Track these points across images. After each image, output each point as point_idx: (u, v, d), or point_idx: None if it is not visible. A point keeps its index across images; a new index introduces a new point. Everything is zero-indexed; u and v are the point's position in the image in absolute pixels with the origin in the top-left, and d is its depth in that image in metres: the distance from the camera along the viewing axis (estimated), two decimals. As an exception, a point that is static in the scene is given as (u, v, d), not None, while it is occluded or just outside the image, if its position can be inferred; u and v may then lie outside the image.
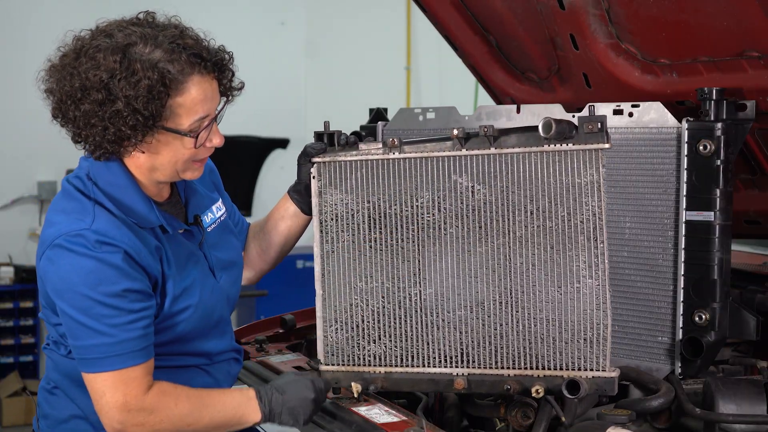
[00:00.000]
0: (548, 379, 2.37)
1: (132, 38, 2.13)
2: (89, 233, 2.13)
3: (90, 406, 2.25)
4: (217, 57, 2.21)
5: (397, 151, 2.47)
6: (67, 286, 2.13)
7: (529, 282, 2.38)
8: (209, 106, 2.20)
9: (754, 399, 2.49)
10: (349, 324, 2.52)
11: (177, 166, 2.24)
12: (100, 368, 2.15)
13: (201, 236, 2.39)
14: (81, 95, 2.12)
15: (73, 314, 2.14)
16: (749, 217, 3.17)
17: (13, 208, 7.68)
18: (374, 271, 2.50)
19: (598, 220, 2.33)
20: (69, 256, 2.13)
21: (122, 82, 2.09)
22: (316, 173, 2.54)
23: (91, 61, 2.11)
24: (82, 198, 2.21)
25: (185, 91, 2.15)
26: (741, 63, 2.68)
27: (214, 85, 2.21)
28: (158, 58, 2.11)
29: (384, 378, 2.50)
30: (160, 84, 2.10)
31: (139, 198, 2.24)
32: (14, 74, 7.53)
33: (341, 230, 2.52)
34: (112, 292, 2.12)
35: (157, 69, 2.10)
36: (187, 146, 2.20)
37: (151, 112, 2.10)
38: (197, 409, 2.22)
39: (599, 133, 2.31)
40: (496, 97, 3.54)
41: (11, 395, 7.07)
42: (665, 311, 2.71)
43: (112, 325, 2.13)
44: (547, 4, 3.02)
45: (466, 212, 2.43)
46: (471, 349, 2.44)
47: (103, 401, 2.16)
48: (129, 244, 2.16)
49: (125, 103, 2.09)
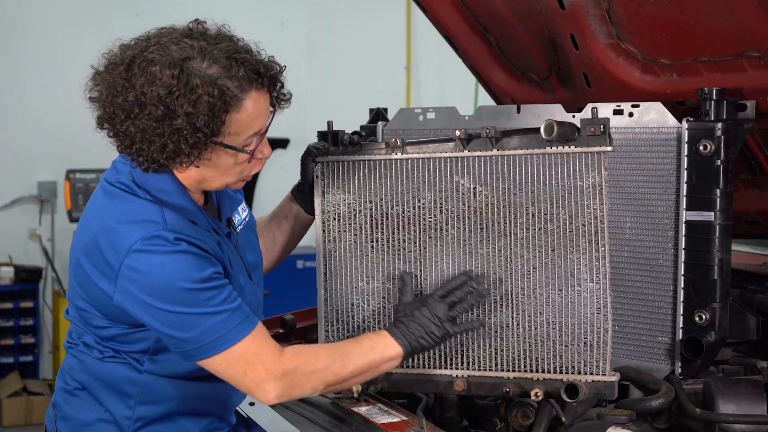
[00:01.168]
0: (548, 382, 2.37)
1: (188, 52, 2.09)
2: (165, 233, 2.12)
3: (120, 410, 2.26)
4: (273, 72, 2.19)
5: (399, 151, 2.48)
6: (162, 285, 2.11)
7: (530, 284, 2.38)
8: (263, 120, 2.19)
9: (754, 399, 2.49)
10: (351, 324, 2.52)
11: (228, 179, 2.23)
12: (229, 342, 2.13)
13: (236, 239, 2.38)
14: (138, 110, 2.08)
15: (176, 309, 2.11)
16: (749, 217, 3.17)
17: (14, 208, 7.68)
18: (376, 272, 2.50)
19: (599, 223, 2.33)
20: (154, 258, 2.10)
21: (181, 99, 2.06)
22: (319, 173, 2.54)
23: (145, 75, 2.07)
24: (143, 201, 2.17)
25: (243, 108, 2.12)
26: (741, 63, 2.68)
27: (267, 100, 2.19)
28: (217, 74, 2.08)
29: (384, 378, 2.50)
30: (220, 101, 2.07)
31: (190, 203, 2.23)
32: (14, 74, 7.54)
33: (343, 230, 2.52)
34: (204, 277, 2.12)
35: (217, 86, 2.07)
36: (240, 161, 2.19)
37: (211, 129, 2.08)
38: (338, 358, 2.24)
39: (602, 135, 2.31)
40: (496, 97, 3.54)
41: (11, 395, 7.06)
42: (665, 311, 2.71)
43: (218, 303, 2.13)
44: (548, 4, 3.01)
45: (467, 213, 2.43)
46: (471, 350, 2.44)
47: (248, 380, 2.16)
48: (200, 239, 2.17)
49: (186, 121, 2.06)
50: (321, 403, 2.58)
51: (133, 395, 2.28)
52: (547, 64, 3.26)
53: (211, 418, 2.38)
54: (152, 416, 2.30)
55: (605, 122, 2.31)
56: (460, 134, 2.41)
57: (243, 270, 2.36)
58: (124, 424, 2.28)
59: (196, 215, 2.23)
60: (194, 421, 2.35)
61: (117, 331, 2.24)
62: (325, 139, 2.56)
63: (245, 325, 2.15)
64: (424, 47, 8.11)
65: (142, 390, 2.28)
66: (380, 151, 2.49)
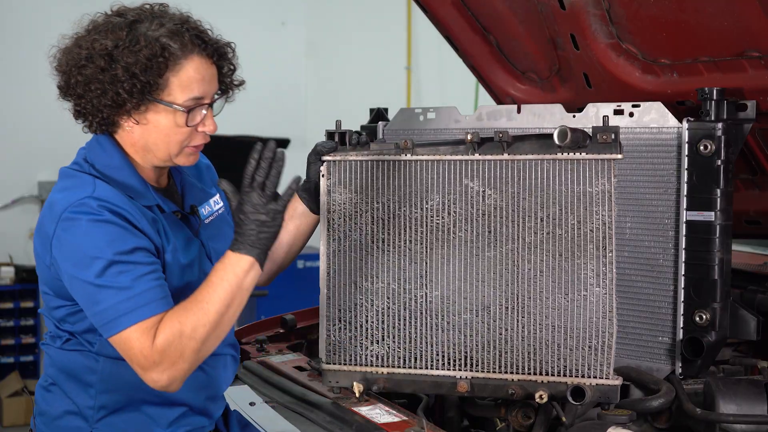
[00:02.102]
0: (552, 385, 2.37)
1: (141, 16, 2.24)
2: (91, 200, 2.17)
3: (84, 400, 2.28)
4: (219, 44, 2.28)
5: (409, 152, 2.47)
6: (81, 253, 2.15)
7: (536, 288, 2.39)
8: (206, 88, 2.25)
9: (754, 399, 2.49)
10: (353, 324, 2.52)
11: (171, 148, 2.27)
12: (126, 323, 2.14)
13: (198, 224, 2.41)
14: (85, 62, 2.21)
15: (90, 279, 2.15)
16: (750, 217, 3.18)
17: (14, 208, 7.68)
18: (380, 272, 2.50)
19: (607, 229, 2.33)
20: (77, 226, 2.16)
21: (125, 51, 2.19)
22: (325, 171, 2.54)
23: (99, 33, 2.23)
24: (81, 174, 2.26)
25: (183, 68, 2.22)
26: (741, 63, 2.69)
27: (212, 71, 2.27)
28: (161, 34, 2.21)
29: (386, 379, 2.50)
30: (159, 56, 2.18)
31: (135, 178, 2.28)
32: (14, 74, 7.54)
33: (349, 229, 2.52)
34: (123, 249, 2.15)
35: (159, 43, 2.20)
36: (179, 123, 2.24)
37: (148, 80, 2.18)
38: (198, 308, 2.18)
39: (613, 143, 2.32)
40: (497, 97, 3.54)
41: (11, 395, 7.07)
42: (666, 311, 2.71)
43: (130, 279, 2.15)
44: (548, 4, 3.02)
45: (475, 216, 2.43)
46: (475, 352, 2.44)
47: (138, 369, 2.16)
48: (129, 211, 2.21)
49: (124, 69, 2.18)
50: (321, 403, 2.58)
51: (94, 384, 2.30)
52: (548, 64, 3.27)
53: (183, 408, 2.37)
54: (115, 405, 2.31)
55: (616, 130, 2.32)
56: (472, 137, 2.40)
57: (202, 254, 2.38)
58: (88, 414, 2.30)
59: (138, 190, 2.27)
60: (162, 410, 2.34)
61: (66, 310, 2.27)
62: (333, 138, 2.56)
63: (141, 312, 2.14)
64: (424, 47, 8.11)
65: (101, 378, 2.30)
66: (389, 152, 2.49)
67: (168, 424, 2.34)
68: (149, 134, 2.26)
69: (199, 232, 2.41)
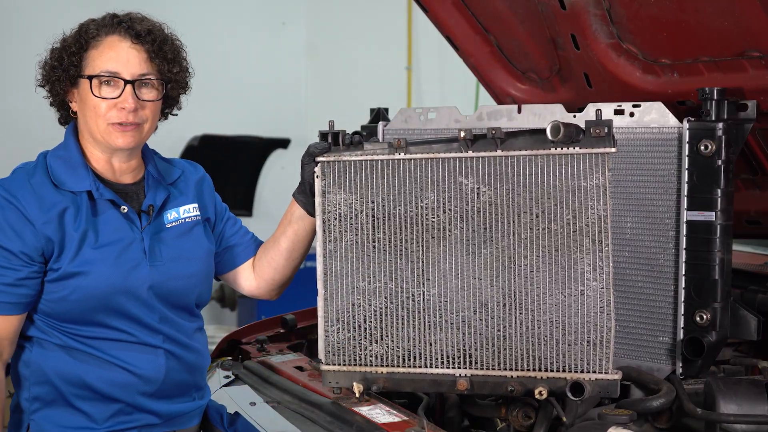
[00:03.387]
0: (551, 380, 2.37)
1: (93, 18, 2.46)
2: None
3: (22, 393, 2.43)
4: (144, 28, 2.41)
5: (402, 151, 2.47)
6: None
7: (534, 284, 2.39)
8: (122, 67, 2.38)
9: (755, 399, 2.49)
10: (351, 324, 2.52)
11: (96, 123, 2.38)
12: None
13: (146, 222, 2.44)
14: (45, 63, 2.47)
15: None
16: (750, 217, 3.18)
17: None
18: (377, 271, 2.50)
19: (603, 223, 2.33)
20: None
21: (62, 42, 2.44)
22: (319, 172, 2.53)
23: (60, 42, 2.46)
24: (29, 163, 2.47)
25: (98, 45, 2.40)
26: (742, 63, 2.69)
27: (134, 52, 2.40)
28: (89, 21, 2.44)
29: (386, 378, 2.50)
30: (82, 39, 2.40)
31: (73, 165, 2.41)
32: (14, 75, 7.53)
33: (344, 230, 2.52)
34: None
35: (81, 26, 2.43)
36: (94, 92, 2.36)
37: (72, 62, 2.39)
38: None
39: (606, 137, 2.32)
40: (497, 97, 3.54)
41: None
42: (666, 311, 2.71)
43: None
44: (548, 4, 3.02)
45: (471, 214, 2.43)
46: (474, 350, 2.44)
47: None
48: (25, 204, 2.34)
49: (57, 57, 2.42)
50: (322, 403, 2.58)
51: (28, 376, 2.40)
52: (548, 64, 3.27)
53: (117, 404, 2.39)
54: (47, 397, 2.38)
55: (609, 124, 2.32)
56: (465, 135, 2.41)
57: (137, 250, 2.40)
58: (25, 406, 2.41)
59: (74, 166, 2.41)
60: (95, 406, 2.38)
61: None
62: (326, 138, 2.55)
63: None
64: (424, 47, 8.12)
65: (34, 370, 2.39)
66: (383, 151, 2.49)
67: (104, 420, 2.38)
68: (82, 112, 2.42)
69: (144, 230, 2.43)
